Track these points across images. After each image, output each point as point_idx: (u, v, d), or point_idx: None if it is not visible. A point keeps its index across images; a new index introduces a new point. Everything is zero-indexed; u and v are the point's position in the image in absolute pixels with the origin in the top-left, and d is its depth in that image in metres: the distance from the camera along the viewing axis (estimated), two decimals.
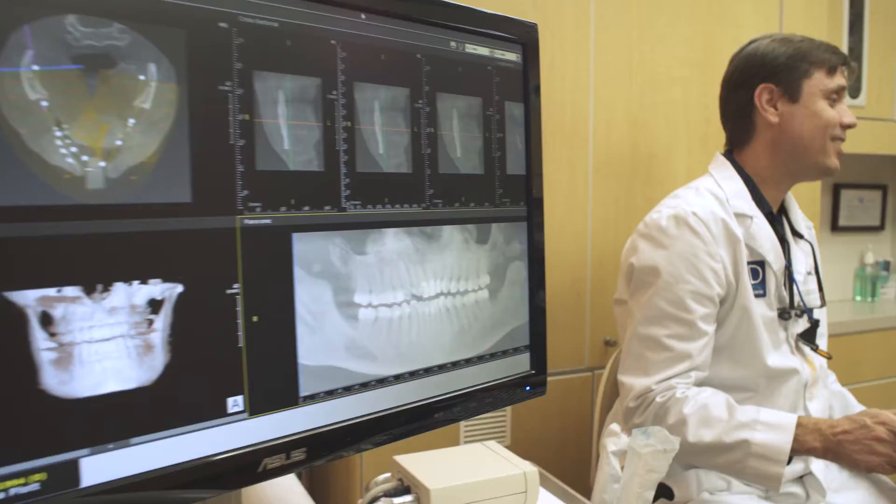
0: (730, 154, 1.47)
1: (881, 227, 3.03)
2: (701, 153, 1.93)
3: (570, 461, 1.82)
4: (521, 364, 0.83)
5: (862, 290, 2.92)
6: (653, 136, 1.88)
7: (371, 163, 0.67)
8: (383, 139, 0.67)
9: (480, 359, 0.80)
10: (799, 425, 1.23)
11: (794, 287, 1.39)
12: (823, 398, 1.46)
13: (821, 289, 1.48)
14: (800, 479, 1.38)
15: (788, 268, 1.39)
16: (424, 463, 0.92)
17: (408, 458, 1.04)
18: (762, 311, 1.35)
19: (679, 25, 1.89)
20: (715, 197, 1.38)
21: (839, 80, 1.38)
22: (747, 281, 1.33)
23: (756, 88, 1.39)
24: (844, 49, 2.47)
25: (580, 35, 1.76)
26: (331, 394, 0.65)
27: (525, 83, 0.81)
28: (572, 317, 1.80)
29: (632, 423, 1.33)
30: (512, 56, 0.81)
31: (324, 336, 0.64)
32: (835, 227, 2.89)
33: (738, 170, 1.42)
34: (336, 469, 1.69)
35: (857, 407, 1.52)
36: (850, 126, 1.38)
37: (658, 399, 1.29)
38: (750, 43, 1.44)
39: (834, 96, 1.37)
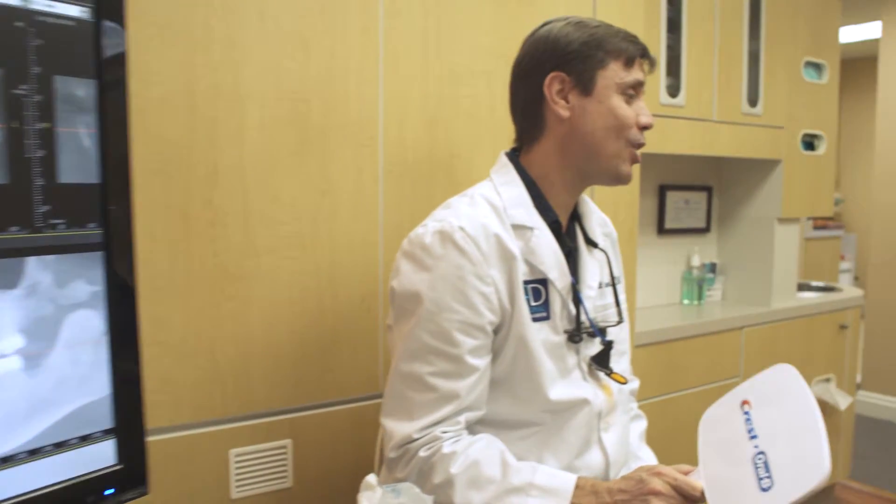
0: (515, 154, 1.30)
1: (707, 229, 3.01)
2: None
3: None
4: (98, 457, 0.60)
5: (689, 294, 2.88)
6: (454, 134, 1.70)
7: None
8: None
9: (6, 461, 0.54)
10: (577, 487, 1.09)
11: (581, 306, 1.23)
12: (622, 426, 1.31)
13: (618, 303, 1.34)
14: None
15: (575, 284, 1.23)
16: None
17: None
18: (545, 336, 1.19)
19: (482, 14, 1.73)
20: (491, 206, 1.20)
21: (637, 73, 1.22)
22: (524, 305, 1.16)
23: (546, 77, 1.22)
24: (662, 48, 2.39)
25: (367, 20, 1.56)
26: None
27: (98, 51, 0.56)
28: (363, 337, 1.60)
29: (393, 478, 1.14)
30: (71, 10, 0.54)
31: None
32: (661, 229, 2.84)
33: (521, 173, 1.25)
34: None
35: (639, 449, 1.40)
36: (646, 127, 1.23)
37: (422, 453, 1.11)
38: (544, 25, 1.27)
39: (631, 92, 1.21)
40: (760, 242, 2.94)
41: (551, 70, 1.21)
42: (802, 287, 3.33)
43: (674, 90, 2.44)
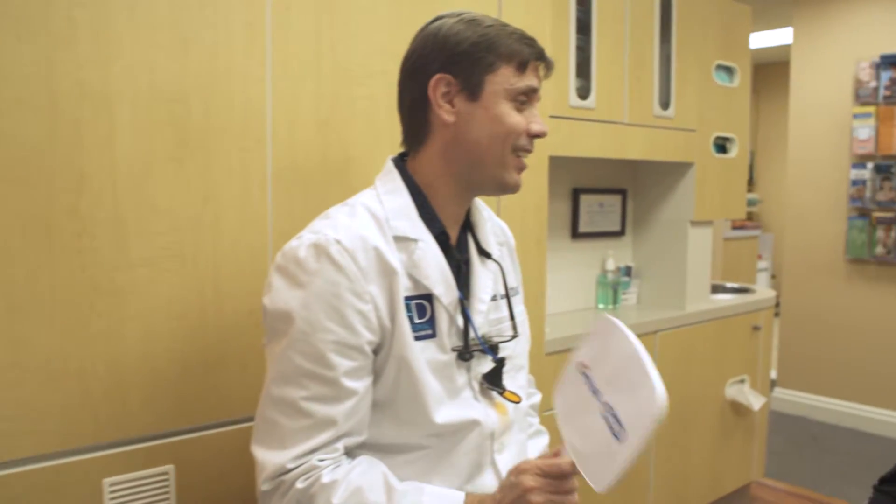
0: (401, 160, 1.23)
1: (622, 233, 3.00)
2: None
3: None
4: None
5: (604, 298, 2.86)
6: (349, 137, 1.62)
7: None
8: None
9: None
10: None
11: (469, 323, 1.16)
12: (518, 445, 1.25)
13: (513, 317, 1.27)
14: None
15: (463, 299, 1.16)
16: None
17: None
18: (431, 355, 1.11)
19: (379, 11, 1.65)
20: (373, 216, 1.12)
21: (530, 79, 1.15)
22: (405, 323, 1.09)
23: (431, 78, 1.15)
24: (572, 49, 2.35)
25: (252, 14, 1.46)
26: None
27: None
28: (252, 353, 1.50)
29: None
30: None
31: None
32: (575, 233, 2.80)
33: (407, 180, 1.18)
34: None
35: None
36: (538, 135, 1.16)
37: (299, 485, 1.03)
38: (436, 19, 1.19)
39: (522, 98, 1.14)
40: (674, 245, 2.94)
41: (438, 71, 1.14)
42: (717, 289, 3.36)
43: (584, 92, 2.40)
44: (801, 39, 4.61)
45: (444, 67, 1.14)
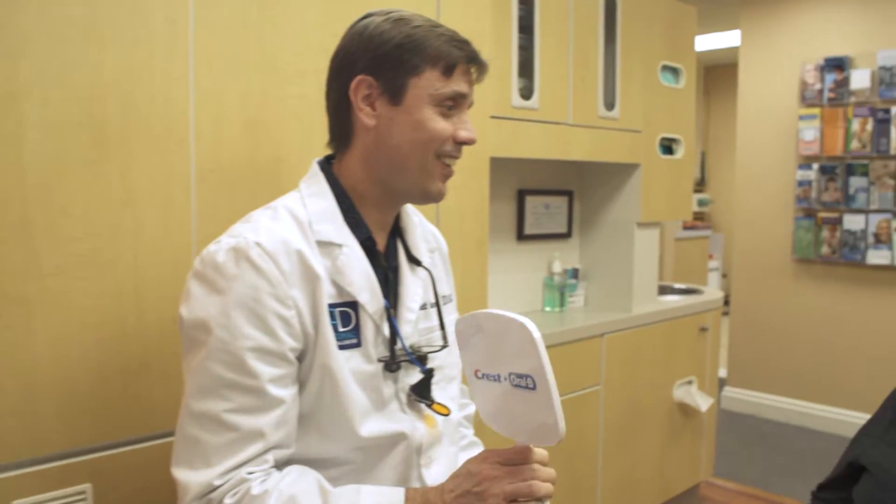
0: (328, 162, 1.17)
1: (568, 235, 2.97)
2: None
3: None
4: None
5: (551, 301, 2.83)
6: (279, 136, 1.56)
7: None
8: None
9: None
10: (407, 500, 1.00)
11: (396, 332, 1.11)
12: (448, 458, 1.20)
13: (443, 326, 1.23)
14: None
15: (389, 308, 1.11)
16: None
17: None
18: (355, 365, 1.06)
19: (311, 5, 1.59)
20: (295, 220, 1.07)
21: (457, 84, 1.09)
22: (328, 331, 1.04)
23: (353, 79, 1.10)
24: (514, 48, 2.32)
25: (174, 9, 1.39)
26: None
27: None
28: (177, 362, 1.42)
29: None
30: None
31: None
32: (521, 235, 2.77)
33: (333, 183, 1.13)
34: None
35: None
36: (465, 143, 1.11)
37: (227, 500, 0.97)
38: (365, 17, 1.14)
39: (449, 103, 1.09)
40: (621, 247, 2.93)
41: (361, 71, 1.09)
42: (664, 290, 3.36)
43: (527, 92, 2.37)
44: (748, 42, 4.66)
45: (367, 68, 1.09)
